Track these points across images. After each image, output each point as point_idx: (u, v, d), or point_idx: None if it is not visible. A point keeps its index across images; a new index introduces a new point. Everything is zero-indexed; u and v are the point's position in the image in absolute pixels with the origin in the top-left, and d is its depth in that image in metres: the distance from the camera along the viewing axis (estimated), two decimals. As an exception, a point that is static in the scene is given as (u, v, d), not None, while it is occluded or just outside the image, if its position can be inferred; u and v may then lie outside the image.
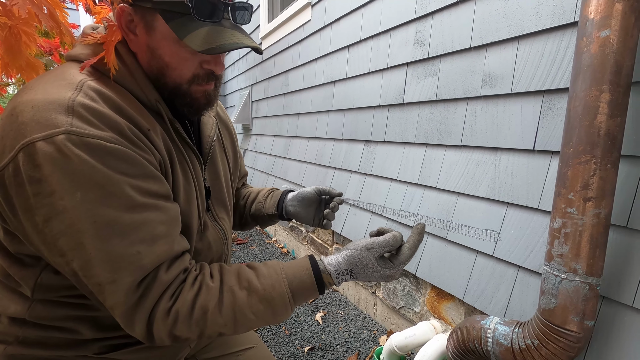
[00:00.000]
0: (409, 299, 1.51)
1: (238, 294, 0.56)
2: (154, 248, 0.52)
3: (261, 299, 0.57)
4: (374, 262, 0.61)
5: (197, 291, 0.55)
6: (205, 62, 0.60)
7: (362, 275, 0.62)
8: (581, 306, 0.77)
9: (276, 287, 0.58)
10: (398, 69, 1.60)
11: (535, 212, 1.02)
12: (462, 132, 1.28)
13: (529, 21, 1.05)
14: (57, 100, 0.49)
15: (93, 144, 0.48)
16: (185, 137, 0.65)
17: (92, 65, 0.57)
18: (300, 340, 1.62)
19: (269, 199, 0.91)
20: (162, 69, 0.59)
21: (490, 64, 1.17)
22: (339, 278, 0.61)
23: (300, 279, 0.59)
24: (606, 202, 0.75)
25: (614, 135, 0.74)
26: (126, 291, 0.50)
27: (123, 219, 0.50)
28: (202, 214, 0.69)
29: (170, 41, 0.57)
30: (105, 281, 0.50)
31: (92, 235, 0.48)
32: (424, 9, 1.42)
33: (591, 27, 0.76)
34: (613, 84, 0.73)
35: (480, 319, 0.96)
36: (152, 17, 0.56)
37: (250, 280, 0.58)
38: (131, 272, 0.50)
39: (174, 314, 0.53)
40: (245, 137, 3.91)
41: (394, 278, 0.64)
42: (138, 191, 0.52)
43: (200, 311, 0.54)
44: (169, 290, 0.54)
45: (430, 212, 1.38)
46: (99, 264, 0.49)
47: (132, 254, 0.50)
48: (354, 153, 1.94)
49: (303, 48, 2.49)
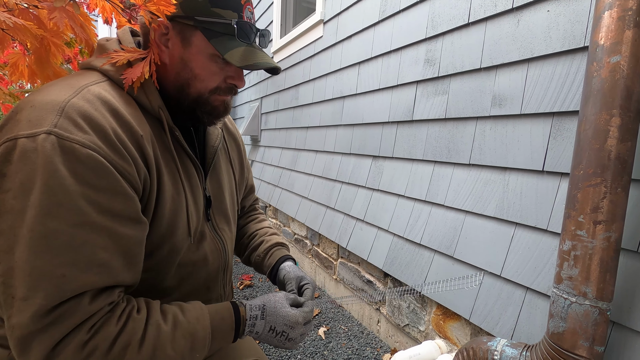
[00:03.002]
0: (414, 316, 1.50)
1: (163, 328, 0.55)
2: (83, 275, 0.48)
3: (184, 334, 0.57)
4: (283, 301, 0.68)
5: (123, 326, 0.52)
6: (230, 77, 0.66)
7: (271, 310, 0.66)
8: (591, 331, 0.76)
9: (200, 319, 0.59)
10: (408, 87, 1.62)
11: (544, 233, 1.02)
12: (470, 151, 1.29)
13: (539, 44, 1.06)
14: (52, 101, 0.51)
15: (68, 147, 0.48)
16: (184, 145, 0.67)
17: (104, 71, 0.60)
18: (302, 355, 1.60)
19: (267, 260, 0.90)
20: (190, 80, 0.64)
21: (500, 84, 1.19)
22: (251, 312, 0.65)
23: (220, 314, 0.63)
24: (617, 226, 0.75)
25: (625, 159, 0.75)
26: (33, 314, 0.45)
27: (64, 234, 0.47)
28: (198, 225, 0.69)
29: (205, 56, 0.63)
30: (18, 296, 0.46)
31: (25, 244, 0.46)
32: (435, 29, 1.45)
33: (601, 53, 0.77)
34: (623, 109, 0.74)
35: (487, 340, 0.95)
36: (191, 33, 0.62)
37: (175, 314, 0.58)
38: (46, 295, 0.46)
39: (90, 349, 0.49)
40: (253, 149, 3.95)
41: (298, 324, 0.68)
42: (96, 207, 0.49)
43: (120, 346, 0.51)
44: (89, 322, 0.49)
45: (437, 229, 1.38)
46: (20, 276, 0.46)
47: (57, 276, 0.46)
48: (362, 168, 1.95)
49: (314, 63, 2.54)
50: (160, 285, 0.66)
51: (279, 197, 2.95)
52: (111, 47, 0.64)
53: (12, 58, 0.87)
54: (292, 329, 0.67)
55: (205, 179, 0.74)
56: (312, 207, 2.38)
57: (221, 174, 0.80)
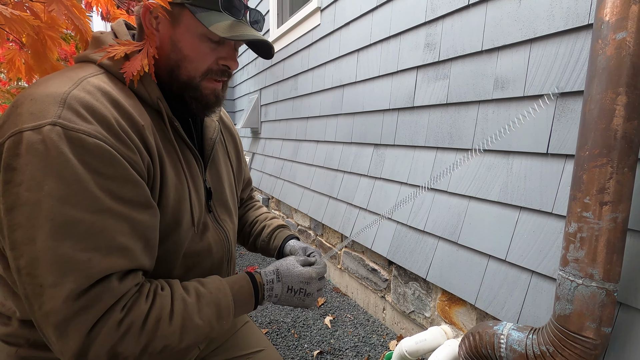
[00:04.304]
0: (419, 303, 1.50)
1: (188, 300, 0.58)
2: (107, 259, 0.49)
3: (208, 303, 0.60)
4: (294, 262, 0.73)
5: (152, 302, 0.54)
6: (222, 58, 0.65)
7: (285, 272, 0.71)
8: (598, 312, 0.76)
9: (220, 289, 0.63)
10: (408, 73, 1.60)
11: (549, 216, 1.01)
12: (473, 135, 1.27)
13: (542, 24, 1.04)
14: (53, 93, 0.51)
15: (74, 137, 0.48)
16: (184, 136, 0.66)
17: (101, 64, 0.59)
18: (309, 344, 1.62)
19: (272, 243, 0.92)
20: (180, 61, 0.63)
21: (502, 67, 1.17)
22: (267, 277, 0.70)
23: (239, 283, 0.67)
24: (623, 207, 0.74)
25: (631, 138, 0.73)
26: (65, 298, 0.46)
27: (84, 220, 0.48)
28: (201, 215, 0.70)
29: (193, 35, 0.61)
30: (47, 283, 0.46)
31: (46, 232, 0.46)
32: (435, 12, 1.42)
33: (607, 30, 0.75)
34: (630, 87, 0.72)
35: (493, 324, 0.95)
36: (180, 11, 0.61)
37: (196, 287, 0.61)
38: (75, 279, 0.47)
39: (126, 326, 0.50)
40: (254, 141, 3.93)
41: (312, 279, 0.73)
42: (109, 194, 0.50)
43: (152, 321, 0.53)
44: (121, 302, 0.51)
45: (441, 215, 1.37)
46: (45, 264, 0.46)
47: (82, 260, 0.47)
48: (363, 156, 1.94)
49: (312, 52, 2.51)
50: (168, 276, 0.67)
51: (281, 189, 2.94)
52: (106, 40, 0.63)
53: (8, 54, 0.86)
54: (308, 284, 0.72)
55: (205, 170, 0.74)
56: (314, 197, 2.38)
57: (220, 166, 0.80)
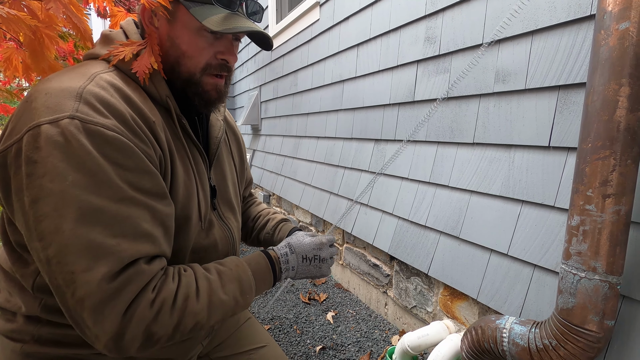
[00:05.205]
0: (421, 298, 1.50)
1: (211, 278, 0.61)
2: (134, 244, 0.51)
3: (230, 279, 0.63)
4: (303, 234, 0.78)
5: (179, 282, 0.56)
6: (220, 52, 0.64)
7: (297, 244, 0.75)
8: (601, 305, 0.75)
9: (239, 265, 0.66)
10: (408, 67, 1.59)
11: (552, 209, 1.00)
12: (474, 129, 1.26)
13: (543, 15, 1.03)
14: (68, 87, 0.51)
15: (93, 130, 0.49)
16: (191, 133, 0.67)
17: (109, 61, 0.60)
18: (311, 339, 1.62)
19: (277, 235, 0.93)
20: (179, 58, 0.63)
21: (503, 59, 1.16)
22: (281, 251, 0.74)
23: (255, 260, 0.70)
24: (626, 199, 0.74)
25: (635, 130, 0.72)
26: (99, 281, 0.47)
27: (109, 209, 0.49)
28: (207, 212, 0.70)
29: (190, 30, 0.61)
30: (79, 269, 0.47)
31: (74, 220, 0.47)
32: (435, 5, 1.41)
33: (609, 20, 0.74)
34: (633, 78, 0.71)
35: (496, 318, 0.95)
36: (175, 7, 0.60)
37: (216, 267, 0.64)
38: (108, 262, 0.48)
39: (159, 305, 0.52)
40: (254, 138, 3.93)
41: (324, 244, 0.77)
42: (129, 185, 0.51)
43: (182, 299, 0.55)
44: (151, 283, 0.53)
45: (442, 210, 1.37)
46: (76, 251, 0.47)
47: (112, 245, 0.49)
48: (364, 152, 1.93)
49: (312, 48, 2.49)
50: None
51: (282, 186, 2.94)
52: (116, 37, 0.63)
53: (5, 53, 0.85)
54: (321, 250, 0.76)
55: (210, 169, 0.75)
56: (315, 193, 2.38)
57: (224, 165, 0.80)
